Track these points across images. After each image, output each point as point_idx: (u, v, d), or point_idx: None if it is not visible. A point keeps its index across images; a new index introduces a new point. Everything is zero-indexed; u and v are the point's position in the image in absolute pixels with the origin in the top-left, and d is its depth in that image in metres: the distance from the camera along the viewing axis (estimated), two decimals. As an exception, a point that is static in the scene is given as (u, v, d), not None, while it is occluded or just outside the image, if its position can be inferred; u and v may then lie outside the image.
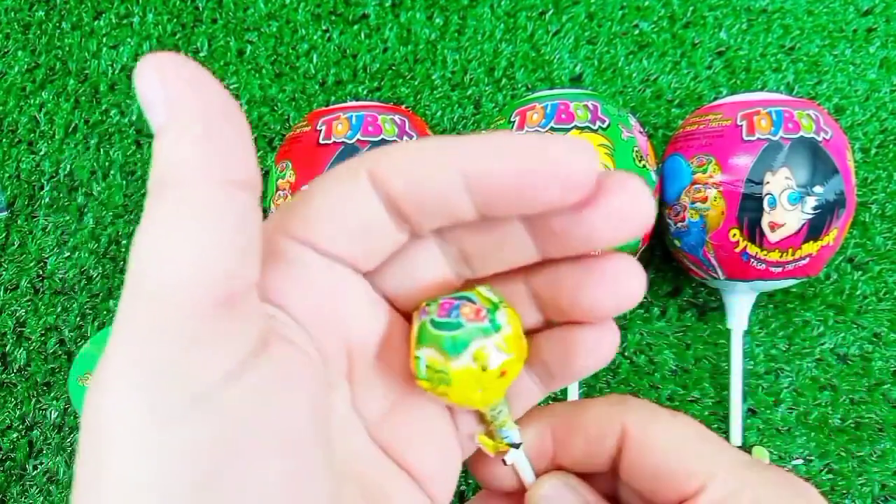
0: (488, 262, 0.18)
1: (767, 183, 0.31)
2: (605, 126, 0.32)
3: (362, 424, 0.18)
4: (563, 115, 0.32)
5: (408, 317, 0.19)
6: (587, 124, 0.32)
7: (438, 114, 0.42)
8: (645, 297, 0.39)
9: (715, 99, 0.37)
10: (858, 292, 0.39)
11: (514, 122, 0.33)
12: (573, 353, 0.19)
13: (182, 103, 0.12)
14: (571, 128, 0.32)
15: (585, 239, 0.16)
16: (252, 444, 0.13)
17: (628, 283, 0.17)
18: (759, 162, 0.31)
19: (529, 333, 0.19)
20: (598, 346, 0.19)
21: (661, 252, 0.39)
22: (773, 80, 0.41)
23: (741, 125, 0.32)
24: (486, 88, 0.42)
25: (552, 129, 0.32)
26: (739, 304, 0.35)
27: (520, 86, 0.42)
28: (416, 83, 0.42)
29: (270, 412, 0.13)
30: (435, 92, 0.42)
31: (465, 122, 0.42)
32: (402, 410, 0.18)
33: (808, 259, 0.32)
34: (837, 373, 0.38)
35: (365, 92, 0.42)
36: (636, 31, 0.42)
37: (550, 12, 0.42)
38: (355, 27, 0.43)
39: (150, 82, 0.12)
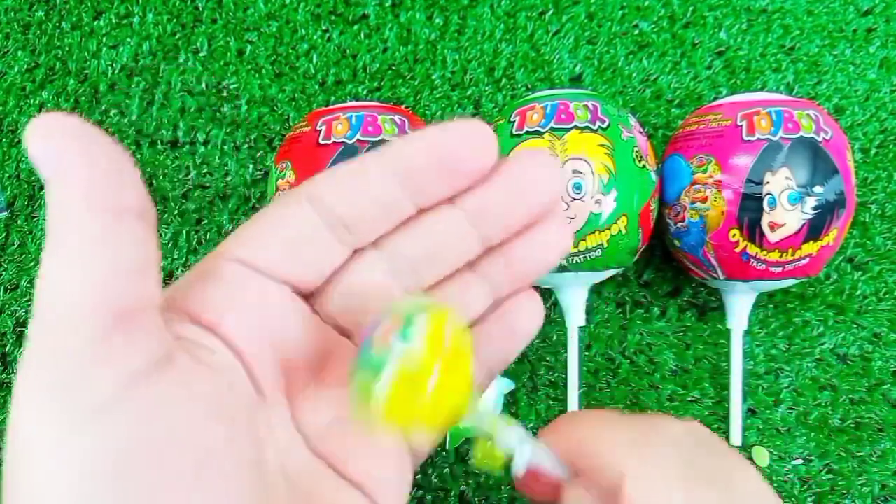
0: (435, 265, 0.19)
1: (767, 183, 0.31)
2: (605, 126, 0.32)
3: (302, 438, 0.18)
4: (563, 115, 0.32)
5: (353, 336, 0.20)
6: (587, 124, 0.32)
7: (438, 114, 0.42)
8: (645, 297, 0.39)
9: (715, 99, 0.37)
10: (858, 292, 0.39)
11: (514, 122, 0.33)
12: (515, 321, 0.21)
13: (66, 153, 0.14)
14: (571, 128, 0.32)
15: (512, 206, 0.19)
16: (155, 454, 0.14)
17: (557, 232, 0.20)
18: (759, 162, 0.31)
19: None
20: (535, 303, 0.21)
21: (661, 252, 0.39)
22: (773, 80, 0.41)
23: (741, 125, 0.32)
24: (486, 88, 0.42)
25: (552, 129, 0.32)
26: (739, 304, 0.35)
27: (520, 86, 0.42)
28: (416, 83, 0.42)
29: (170, 424, 0.14)
30: (435, 92, 0.42)
31: (465, 122, 0.41)
32: (347, 423, 0.19)
33: (808, 259, 0.32)
34: (837, 373, 0.38)
35: (365, 92, 0.42)
36: (636, 31, 0.42)
37: (550, 12, 0.42)
38: (355, 27, 0.43)
39: (37, 142, 0.14)
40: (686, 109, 0.41)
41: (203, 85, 0.42)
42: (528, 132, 0.32)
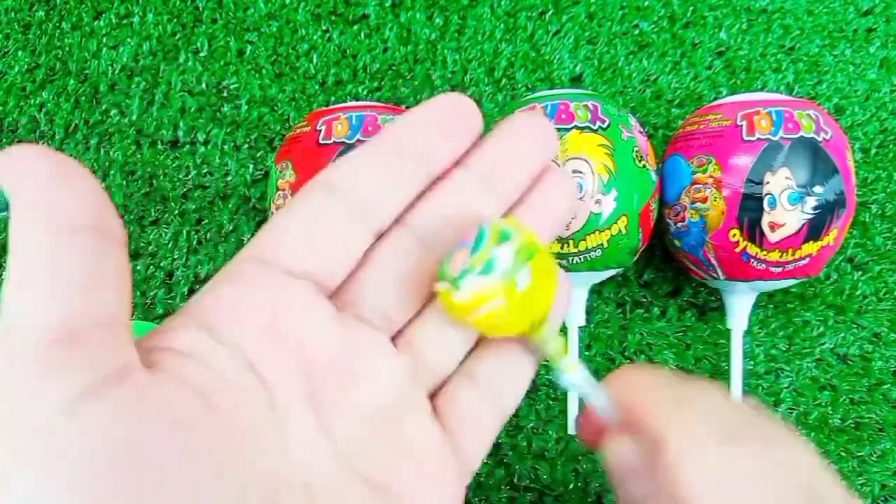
0: (462, 231, 0.19)
1: (767, 183, 0.31)
2: (605, 126, 0.32)
3: (332, 450, 0.17)
4: (563, 115, 0.32)
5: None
6: (587, 124, 0.32)
7: (438, 114, 0.41)
8: (645, 297, 0.39)
9: (715, 99, 0.37)
10: (858, 292, 0.39)
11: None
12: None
13: (24, 176, 0.14)
14: (571, 128, 0.32)
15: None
16: (103, 478, 0.13)
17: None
18: (759, 162, 0.31)
19: None
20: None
21: (661, 252, 0.39)
22: (773, 80, 0.41)
23: (741, 125, 0.32)
24: (486, 88, 0.42)
25: (552, 129, 0.32)
26: (739, 304, 0.35)
27: (520, 86, 0.42)
28: (416, 83, 0.42)
29: (120, 443, 0.13)
30: (435, 92, 0.42)
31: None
32: (386, 432, 0.18)
33: (808, 259, 0.32)
34: (837, 373, 0.38)
35: (365, 92, 0.42)
36: (636, 31, 0.42)
37: (550, 12, 0.42)
38: (355, 27, 0.43)
39: (1, 166, 0.14)
40: (686, 109, 0.41)
41: (203, 85, 0.42)
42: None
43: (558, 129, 0.32)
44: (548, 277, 0.18)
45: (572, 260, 0.32)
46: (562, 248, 0.32)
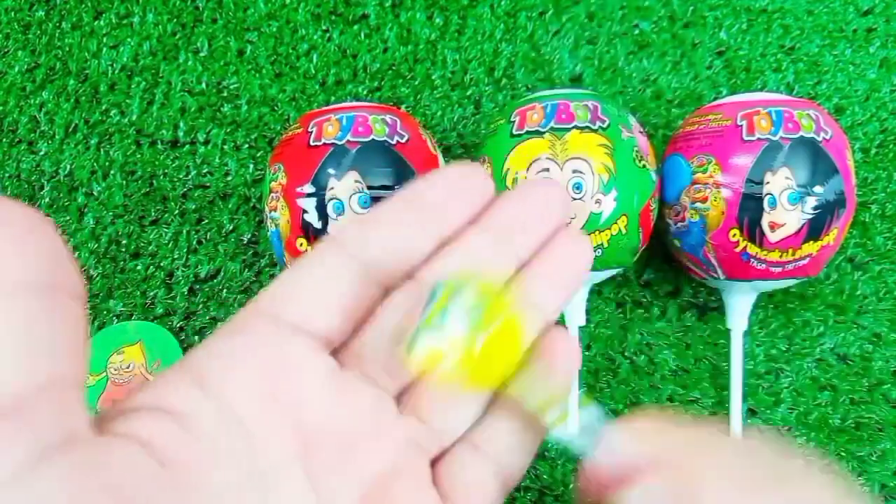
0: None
1: (767, 183, 0.31)
2: (605, 126, 0.32)
3: None
4: (563, 115, 0.32)
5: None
6: (587, 124, 0.32)
7: (438, 114, 0.42)
8: (645, 297, 0.39)
9: (715, 99, 0.37)
10: (858, 292, 0.39)
11: (514, 121, 0.33)
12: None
13: None
14: (571, 128, 0.32)
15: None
16: None
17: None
18: (759, 162, 0.31)
19: None
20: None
21: (661, 252, 0.39)
22: (773, 80, 0.41)
23: (741, 125, 0.32)
24: (486, 88, 0.42)
25: (552, 129, 0.32)
26: (739, 304, 0.35)
27: (520, 86, 0.42)
28: (416, 83, 0.42)
29: None
30: (435, 92, 0.42)
31: (465, 122, 0.42)
32: (381, 499, 0.18)
33: (808, 259, 0.32)
34: (837, 373, 0.38)
35: (365, 92, 0.42)
36: (636, 31, 0.42)
37: (550, 12, 0.42)
38: (355, 27, 0.43)
39: None
40: (686, 109, 0.41)
41: (203, 85, 0.42)
42: (528, 132, 0.32)
43: (558, 130, 0.32)
44: (510, 328, 0.18)
45: (572, 260, 0.32)
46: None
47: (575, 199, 0.31)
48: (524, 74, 0.42)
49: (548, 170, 0.31)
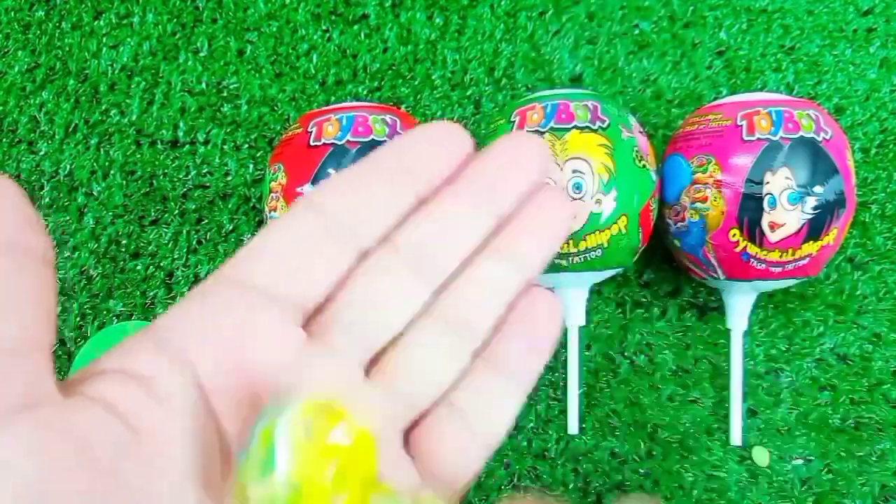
0: (450, 246, 0.19)
1: (767, 183, 0.31)
2: (605, 126, 0.32)
3: None
4: (563, 115, 0.32)
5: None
6: (587, 124, 0.32)
7: (438, 114, 0.42)
8: (645, 297, 0.39)
9: (715, 99, 0.37)
10: (858, 292, 0.39)
11: (514, 122, 0.33)
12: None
13: None
14: (571, 128, 0.32)
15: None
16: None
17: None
18: (759, 162, 0.31)
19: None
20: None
21: (661, 252, 0.39)
22: (773, 80, 0.41)
23: (741, 125, 0.32)
24: (486, 88, 0.42)
25: (552, 128, 0.32)
26: (739, 304, 0.35)
27: (520, 86, 0.42)
28: (416, 83, 0.42)
29: (28, 478, 0.13)
30: (435, 92, 0.42)
31: (465, 122, 0.42)
32: None
33: (808, 259, 0.32)
34: (837, 373, 0.38)
35: (365, 92, 0.42)
36: (636, 31, 0.42)
37: (550, 12, 0.42)
38: (355, 27, 0.43)
39: None
40: (686, 109, 0.41)
41: (203, 85, 0.42)
42: (528, 132, 0.32)
43: (558, 130, 0.32)
44: (361, 445, 0.15)
45: (572, 260, 0.32)
46: (562, 247, 0.32)
47: (575, 199, 0.31)
48: (524, 74, 0.42)
49: (548, 170, 0.31)
